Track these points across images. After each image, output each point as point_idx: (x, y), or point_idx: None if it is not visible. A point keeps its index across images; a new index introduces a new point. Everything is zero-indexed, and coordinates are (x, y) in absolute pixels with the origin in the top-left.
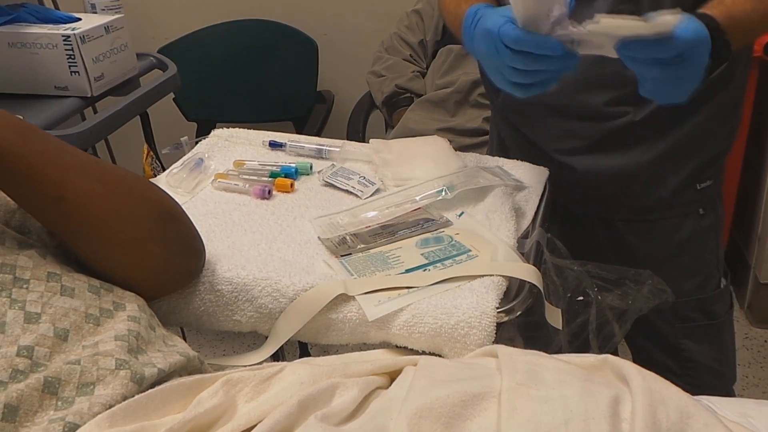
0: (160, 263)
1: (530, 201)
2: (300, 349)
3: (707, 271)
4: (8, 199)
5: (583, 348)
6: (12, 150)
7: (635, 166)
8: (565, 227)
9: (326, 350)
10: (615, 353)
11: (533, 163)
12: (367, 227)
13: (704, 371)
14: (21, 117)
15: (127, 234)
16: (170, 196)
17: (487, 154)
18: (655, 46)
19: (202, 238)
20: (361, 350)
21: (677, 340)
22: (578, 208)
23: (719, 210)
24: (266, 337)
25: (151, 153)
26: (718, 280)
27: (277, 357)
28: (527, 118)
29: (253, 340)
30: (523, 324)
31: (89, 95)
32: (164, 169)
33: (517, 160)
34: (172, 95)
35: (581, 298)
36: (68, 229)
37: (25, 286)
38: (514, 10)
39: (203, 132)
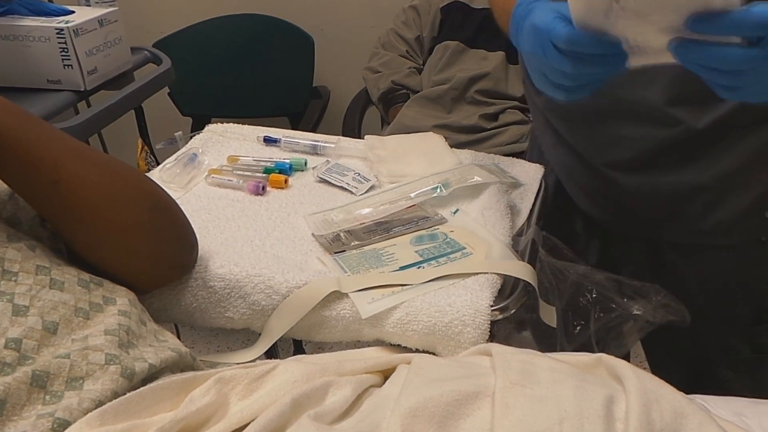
0: (152, 254)
1: (525, 199)
2: (294, 346)
3: (764, 303)
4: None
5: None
6: (9, 133)
7: (692, 186)
8: (604, 246)
9: (321, 347)
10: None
11: (576, 181)
12: (361, 224)
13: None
14: None
15: (120, 221)
16: (163, 188)
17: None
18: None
19: (195, 233)
20: (355, 348)
21: (716, 368)
22: (620, 227)
23: None
24: (259, 334)
25: (146, 147)
26: None
27: (271, 354)
28: (572, 123)
29: (246, 336)
30: (526, 322)
31: (82, 89)
32: (158, 164)
33: (561, 181)
34: (166, 90)
35: (582, 301)
36: (62, 215)
37: (13, 278)
38: (571, 4)
39: (198, 127)
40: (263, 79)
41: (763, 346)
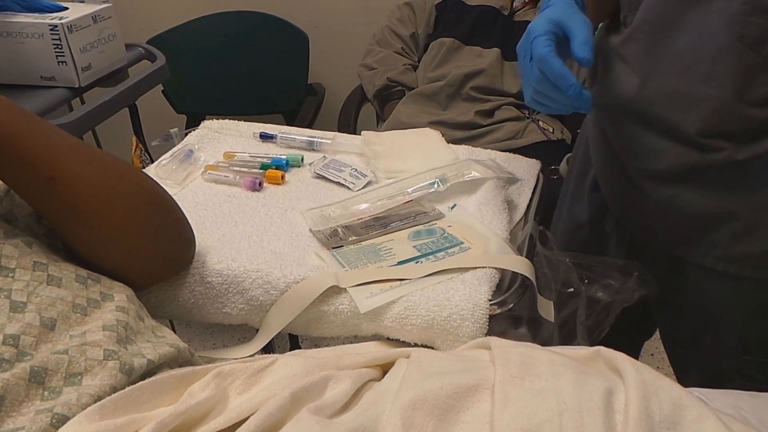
0: (148, 249)
1: (523, 194)
2: (290, 342)
3: None
4: None
5: (569, 338)
6: (4, 129)
7: (724, 211)
8: (630, 251)
9: (317, 343)
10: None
11: (608, 181)
12: (358, 219)
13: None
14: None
15: (116, 218)
16: (159, 184)
17: (569, 160)
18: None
19: (192, 229)
20: (353, 343)
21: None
22: (645, 237)
23: None
24: (257, 330)
25: (140, 145)
26: None
27: (267, 350)
28: (615, 122)
29: (243, 333)
30: (518, 317)
31: (77, 85)
32: (153, 161)
33: (598, 178)
34: (161, 87)
35: (571, 289)
36: (58, 212)
37: (10, 275)
38: None
39: (192, 124)
40: (258, 76)
41: None
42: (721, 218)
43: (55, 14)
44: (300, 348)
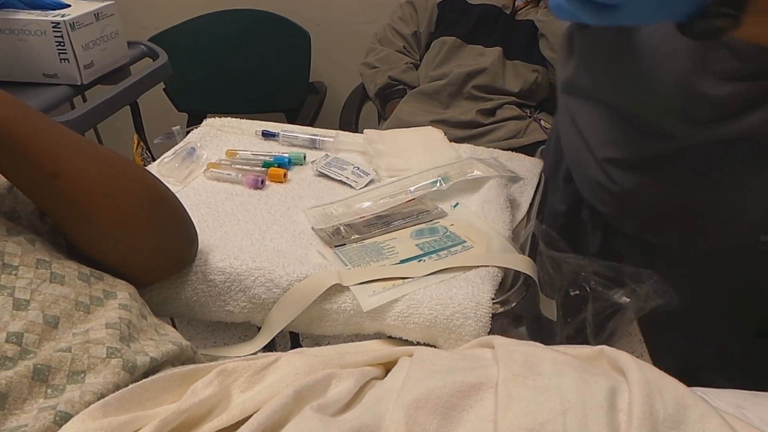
0: (151, 246)
1: (525, 192)
2: (291, 340)
3: (765, 319)
4: None
5: (582, 344)
6: (8, 126)
7: (688, 199)
8: (606, 238)
9: (318, 341)
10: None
11: (581, 170)
12: (361, 218)
13: None
14: None
15: (118, 215)
16: (162, 182)
17: (542, 153)
18: None
19: (195, 227)
20: (355, 341)
21: (711, 375)
22: (617, 223)
23: None
24: (257, 329)
25: (142, 143)
26: None
27: (269, 348)
28: (584, 112)
29: (244, 331)
30: (518, 317)
31: (79, 83)
32: (154, 159)
33: (571, 167)
34: (162, 85)
35: (578, 291)
36: (61, 208)
37: (13, 272)
38: None
39: (194, 122)
40: (260, 74)
41: (762, 358)
42: (685, 204)
43: (57, 11)
44: (301, 346)
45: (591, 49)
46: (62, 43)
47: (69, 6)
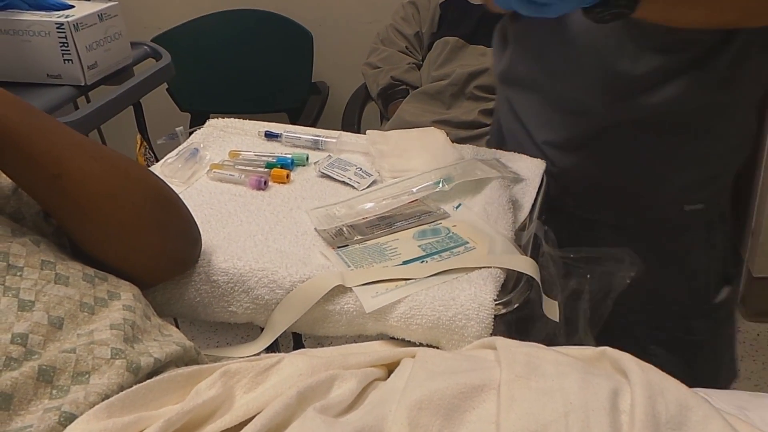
0: (155, 248)
1: (527, 193)
2: (294, 340)
3: (693, 285)
4: (2, 185)
5: (572, 333)
6: (12, 126)
7: (613, 176)
8: (548, 220)
9: (320, 342)
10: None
11: (526, 154)
12: (363, 219)
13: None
14: None
15: (122, 216)
16: (166, 182)
17: (487, 143)
18: None
19: (198, 228)
20: (356, 342)
21: (646, 345)
22: (559, 203)
23: (717, 228)
24: (260, 329)
25: (144, 143)
26: (707, 297)
27: (271, 349)
28: (520, 99)
29: (246, 331)
30: (516, 318)
31: (83, 84)
32: (157, 160)
33: (514, 152)
34: (165, 86)
35: (575, 287)
36: (65, 209)
37: (18, 273)
38: None
39: (197, 122)
40: (262, 74)
41: (694, 328)
42: (616, 179)
43: (61, 12)
44: (304, 347)
45: (523, 39)
46: (66, 44)
47: (73, 7)
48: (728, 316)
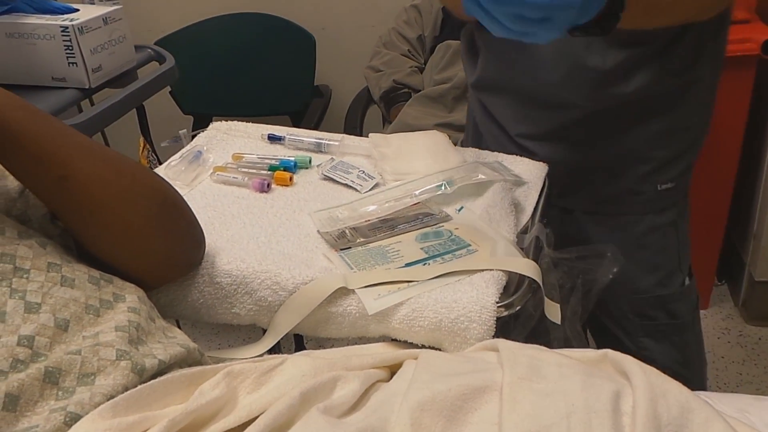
0: (160, 250)
1: (529, 196)
2: (296, 342)
3: (668, 268)
4: (9, 187)
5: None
6: (19, 128)
7: (592, 160)
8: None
9: (322, 344)
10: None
11: (502, 150)
12: (366, 221)
13: (666, 374)
14: None
15: (128, 218)
16: (171, 185)
17: (462, 143)
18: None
19: (203, 230)
20: (358, 344)
21: (637, 338)
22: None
23: (682, 209)
24: (262, 331)
25: (147, 146)
26: (682, 279)
27: (273, 350)
28: (496, 99)
29: (248, 333)
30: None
31: (87, 87)
32: (160, 162)
33: (489, 149)
34: (168, 88)
35: (569, 285)
36: (71, 211)
37: (25, 275)
38: None
39: (199, 125)
40: (265, 77)
41: (676, 311)
42: (591, 168)
43: (66, 16)
44: (305, 348)
45: (494, 44)
46: (71, 47)
47: (78, 10)
48: (698, 297)
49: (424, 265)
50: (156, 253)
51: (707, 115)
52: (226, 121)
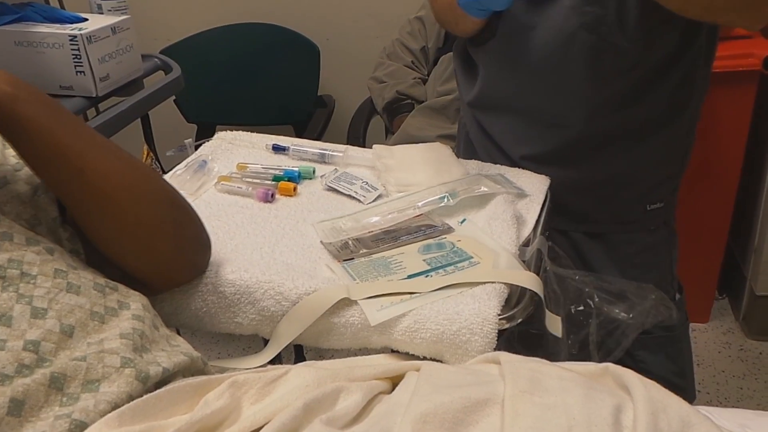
0: (168, 249)
1: (531, 209)
2: (296, 353)
3: (661, 285)
4: (20, 191)
5: (584, 359)
6: (40, 121)
7: (592, 181)
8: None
9: (322, 354)
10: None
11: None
12: (369, 232)
13: (662, 385)
14: None
15: (140, 215)
16: (179, 192)
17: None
18: None
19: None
20: (360, 355)
21: (633, 351)
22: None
23: (671, 227)
24: (262, 341)
25: (151, 154)
26: (673, 294)
27: (274, 361)
28: (494, 119)
29: (247, 343)
30: (522, 334)
31: (94, 95)
32: (164, 171)
33: (482, 161)
34: (173, 97)
35: (581, 308)
36: (85, 204)
37: (32, 281)
38: None
39: (203, 134)
40: (269, 87)
41: (670, 324)
42: (587, 189)
43: (74, 25)
44: (305, 358)
45: (493, 64)
46: (79, 56)
47: (86, 20)
48: (686, 310)
49: (427, 276)
50: (164, 253)
51: (691, 142)
52: (230, 130)
